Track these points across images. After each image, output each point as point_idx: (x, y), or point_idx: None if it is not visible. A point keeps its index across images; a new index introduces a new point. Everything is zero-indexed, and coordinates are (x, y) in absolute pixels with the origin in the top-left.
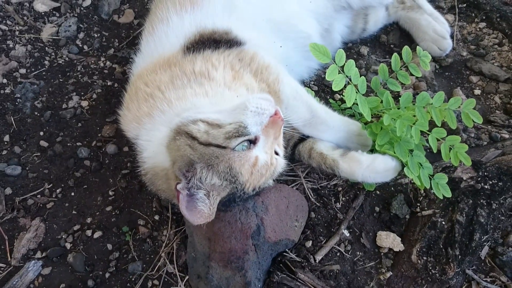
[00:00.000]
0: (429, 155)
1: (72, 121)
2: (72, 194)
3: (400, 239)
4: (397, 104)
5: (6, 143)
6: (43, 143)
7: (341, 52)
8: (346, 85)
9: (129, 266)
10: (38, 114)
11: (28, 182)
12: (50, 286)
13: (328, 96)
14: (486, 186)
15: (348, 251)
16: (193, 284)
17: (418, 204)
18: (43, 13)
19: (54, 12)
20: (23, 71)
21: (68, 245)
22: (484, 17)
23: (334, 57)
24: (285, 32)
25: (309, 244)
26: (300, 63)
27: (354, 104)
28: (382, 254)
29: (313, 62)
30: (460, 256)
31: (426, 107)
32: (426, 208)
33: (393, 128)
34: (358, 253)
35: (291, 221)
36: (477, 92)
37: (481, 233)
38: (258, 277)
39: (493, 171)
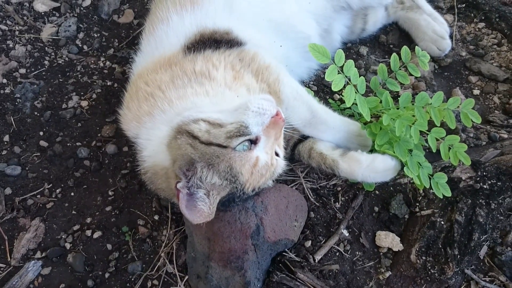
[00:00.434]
0: (428, 155)
1: (72, 121)
2: (72, 194)
3: (399, 239)
4: (396, 104)
5: (6, 143)
6: (43, 143)
7: (340, 52)
8: (345, 85)
9: (128, 266)
10: (38, 114)
11: (28, 182)
12: (49, 286)
13: (328, 96)
14: (485, 186)
15: (347, 251)
16: (192, 284)
17: (417, 204)
18: (43, 13)
19: (54, 12)
20: (23, 71)
21: (67, 245)
22: (483, 17)
23: (333, 57)
24: (284, 32)
25: (308, 244)
26: (299, 63)
27: (353, 104)
28: (381, 254)
29: (312, 63)
30: (459, 256)
31: (425, 107)
32: (425, 208)
33: (392, 128)
34: (357, 253)
35: (290, 221)
36: (476, 92)
37: (480, 233)
38: (257, 277)
39: (492, 171)
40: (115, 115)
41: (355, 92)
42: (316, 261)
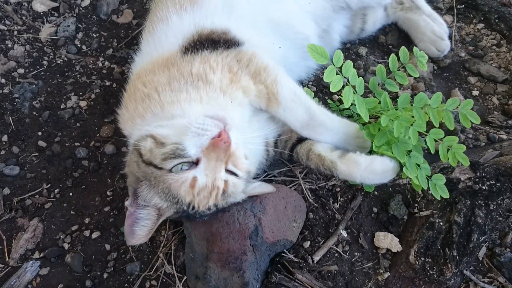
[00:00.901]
0: (427, 156)
1: (70, 121)
2: (70, 194)
3: (398, 239)
4: (395, 105)
5: (4, 143)
6: (41, 143)
7: (339, 53)
8: (344, 86)
9: (127, 267)
10: (37, 114)
11: (26, 182)
12: (48, 286)
13: (327, 97)
14: (484, 187)
15: (346, 252)
16: (191, 284)
17: (416, 205)
18: (41, 13)
19: (52, 12)
20: (21, 71)
21: (66, 246)
22: (482, 18)
23: (332, 58)
24: (283, 32)
25: (307, 244)
26: (298, 63)
27: (352, 105)
28: (380, 254)
29: (311, 62)
30: (458, 257)
31: (424, 108)
32: (424, 209)
33: (390, 129)
34: (356, 253)
35: (289, 221)
36: (475, 93)
37: (478, 234)
38: (256, 278)
39: (491, 172)
40: (114, 115)
41: (354, 93)
42: (315, 261)
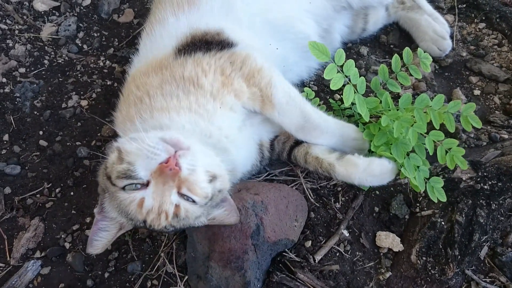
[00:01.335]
0: (429, 156)
1: (71, 121)
2: (72, 193)
3: (399, 239)
4: (397, 105)
5: (5, 142)
6: (43, 143)
7: (340, 51)
8: (344, 85)
9: (128, 266)
10: (38, 114)
11: (28, 182)
12: (49, 285)
13: (328, 96)
14: (485, 187)
15: (347, 251)
16: (192, 284)
17: (418, 205)
18: (42, 12)
19: (53, 11)
20: (22, 70)
21: (67, 245)
22: (483, 18)
23: (333, 57)
24: (283, 33)
25: (308, 244)
26: (298, 63)
27: (353, 104)
28: (381, 254)
29: (312, 62)
30: (459, 257)
31: (425, 109)
32: (425, 209)
33: (391, 129)
34: (357, 253)
35: (290, 221)
36: (477, 92)
37: (480, 234)
38: (257, 277)
39: (492, 171)
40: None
41: (354, 92)
42: (316, 261)
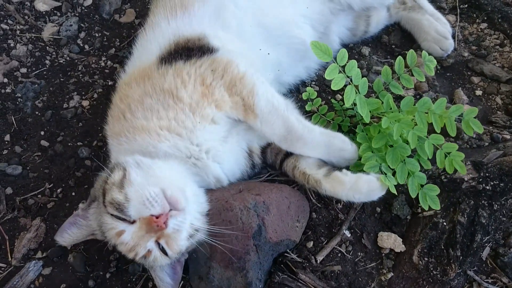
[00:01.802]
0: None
1: (73, 121)
2: (73, 194)
3: (401, 239)
4: (399, 106)
5: (7, 142)
6: (44, 143)
7: (343, 51)
8: (346, 85)
9: (129, 267)
10: (39, 114)
11: (29, 182)
12: (50, 286)
13: (330, 97)
14: (487, 187)
15: (349, 252)
16: (194, 284)
17: (419, 205)
18: (44, 13)
19: (55, 11)
20: (24, 70)
21: (68, 245)
22: (485, 18)
23: (333, 58)
24: (277, 37)
25: (310, 244)
26: (294, 65)
27: (354, 104)
28: (383, 254)
29: (310, 62)
30: (461, 257)
31: (427, 112)
32: (427, 209)
33: (391, 131)
34: (359, 253)
35: (292, 221)
36: (479, 92)
37: (482, 234)
38: (259, 278)
39: (494, 172)
40: None
41: (356, 93)
42: (318, 261)
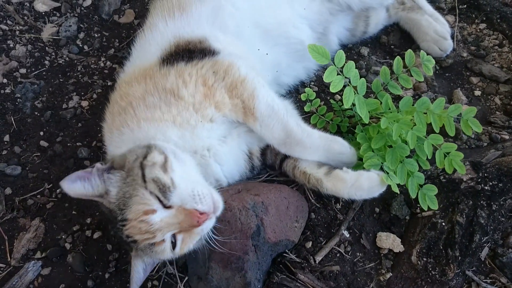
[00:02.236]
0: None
1: (72, 121)
2: None
3: (400, 240)
4: (397, 107)
5: (6, 143)
6: (43, 143)
7: (340, 53)
8: (345, 86)
9: (128, 267)
10: (38, 114)
11: (28, 182)
12: (49, 286)
13: (329, 97)
14: (486, 187)
15: (348, 252)
16: (193, 284)
17: (418, 205)
18: (43, 13)
19: (54, 12)
20: (23, 71)
21: (67, 245)
22: (484, 18)
23: (332, 59)
24: (275, 38)
25: (309, 245)
26: (293, 66)
27: (353, 105)
28: (382, 255)
29: (309, 63)
30: (460, 257)
31: (426, 113)
32: (426, 209)
33: (390, 132)
34: (358, 254)
35: (291, 221)
36: (477, 93)
37: (481, 234)
38: (258, 278)
39: (493, 172)
40: None
41: (355, 94)
42: (317, 262)
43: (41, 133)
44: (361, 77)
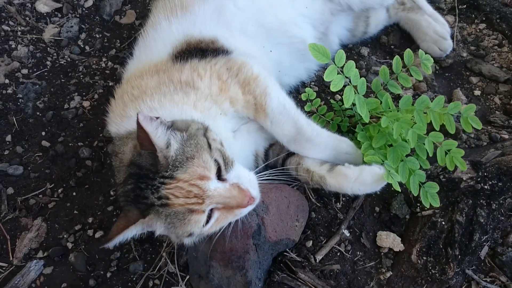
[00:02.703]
0: (429, 155)
1: (73, 121)
2: (74, 194)
3: (400, 239)
4: (397, 106)
5: (8, 143)
6: (45, 143)
7: (341, 52)
8: (345, 86)
9: (130, 266)
10: (40, 114)
11: (30, 182)
12: (51, 285)
13: (329, 97)
14: (486, 187)
15: (348, 251)
16: (194, 283)
17: (418, 204)
18: (45, 14)
19: (56, 12)
20: (25, 71)
21: (69, 245)
22: (484, 18)
23: (333, 59)
24: (277, 37)
25: (309, 244)
26: (295, 66)
27: (353, 105)
28: (382, 254)
29: (310, 64)
30: (460, 256)
31: (426, 110)
32: (426, 208)
33: (390, 130)
34: (358, 253)
35: (291, 221)
36: (477, 93)
37: (480, 233)
38: (258, 277)
39: (492, 171)
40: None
41: (355, 93)
42: (317, 261)
43: (43, 133)
44: (361, 77)
